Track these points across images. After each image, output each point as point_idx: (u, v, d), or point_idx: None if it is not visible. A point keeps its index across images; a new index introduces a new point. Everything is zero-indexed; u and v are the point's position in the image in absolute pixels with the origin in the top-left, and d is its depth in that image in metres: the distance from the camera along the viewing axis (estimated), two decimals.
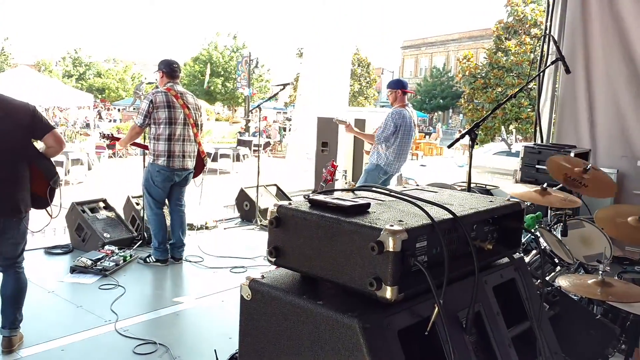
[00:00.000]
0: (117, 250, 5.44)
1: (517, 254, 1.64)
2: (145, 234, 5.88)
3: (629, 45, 6.04)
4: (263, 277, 1.37)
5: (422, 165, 15.25)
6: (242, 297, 1.36)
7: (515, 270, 1.59)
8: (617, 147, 6.27)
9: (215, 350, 3.20)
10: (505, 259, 1.60)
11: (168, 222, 5.50)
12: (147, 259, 5.39)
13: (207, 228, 6.94)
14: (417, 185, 1.77)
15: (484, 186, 8.02)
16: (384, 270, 1.17)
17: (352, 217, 1.27)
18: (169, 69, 5.25)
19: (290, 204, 1.38)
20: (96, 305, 4.36)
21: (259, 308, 1.33)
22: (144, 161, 5.61)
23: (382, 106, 43.98)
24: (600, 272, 2.88)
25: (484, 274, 1.52)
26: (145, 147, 5.47)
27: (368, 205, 1.36)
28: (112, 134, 5.93)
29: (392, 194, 1.49)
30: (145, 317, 4.26)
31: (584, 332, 2.43)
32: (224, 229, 7.08)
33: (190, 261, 5.55)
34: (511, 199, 1.62)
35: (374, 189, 1.51)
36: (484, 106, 20.69)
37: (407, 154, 6.06)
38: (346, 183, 8.72)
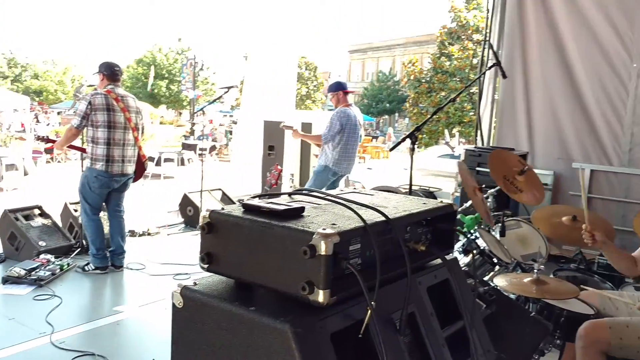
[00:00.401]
0: (53, 259, 5.23)
1: (451, 254, 1.67)
2: (84, 241, 5.69)
3: (563, 50, 6.30)
4: (195, 284, 1.34)
5: (368, 169, 15.42)
6: (173, 305, 1.33)
7: (449, 270, 1.62)
8: (554, 149, 6.52)
9: (154, 359, 3.12)
10: (439, 260, 1.62)
11: (107, 228, 5.34)
12: (86, 267, 5.21)
13: (149, 234, 6.78)
14: (355, 188, 1.78)
15: (428, 188, 8.19)
16: (316, 274, 1.17)
17: (285, 221, 1.26)
18: (110, 72, 5.10)
19: (223, 209, 1.36)
20: (30, 317, 4.18)
21: (191, 316, 1.30)
22: (82, 165, 5.43)
23: (330, 109, 44.31)
24: (536, 270, 2.98)
25: (418, 275, 1.54)
26: (82, 150, 5.30)
27: (302, 209, 1.35)
28: (47, 137, 5.71)
29: (327, 197, 1.49)
30: (83, 328, 4.11)
31: (519, 329, 2.50)
32: (167, 235, 6.94)
33: (131, 269, 5.41)
34: (444, 201, 1.65)
35: (310, 192, 1.51)
36: (428, 110, 21.14)
37: (354, 153, 6.10)
38: (292, 187, 8.72)
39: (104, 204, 5.25)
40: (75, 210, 5.97)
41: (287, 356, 1.13)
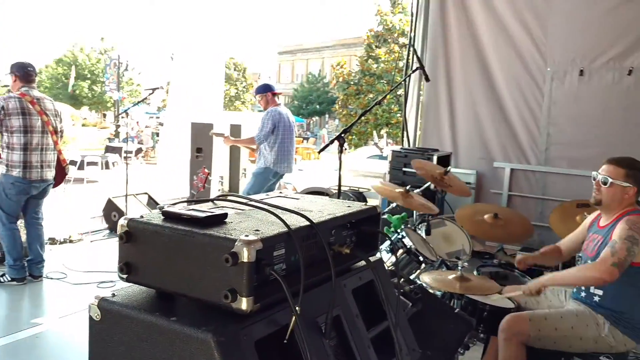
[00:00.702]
0: None
1: (375, 256, 1.69)
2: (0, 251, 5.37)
3: (483, 54, 6.56)
4: (114, 295, 1.29)
5: (300, 170, 15.47)
6: (90, 318, 1.27)
7: (373, 272, 1.64)
8: (476, 149, 6.78)
9: None
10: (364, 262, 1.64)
11: (24, 237, 5.07)
12: (1, 278, 4.93)
13: (71, 241, 6.50)
14: (281, 191, 1.77)
15: (357, 189, 8.29)
16: (239, 281, 1.15)
17: (206, 229, 1.23)
18: (23, 72, 4.84)
19: (142, 217, 1.31)
20: None
21: (110, 329, 1.25)
22: None
23: (260, 111, 44.06)
24: (460, 268, 3.09)
25: (343, 278, 1.55)
26: None
27: (225, 215, 1.33)
28: None
29: (251, 203, 1.48)
30: (0, 342, 3.89)
31: (444, 326, 2.57)
32: (91, 241, 6.67)
33: (51, 278, 5.16)
34: (369, 204, 1.67)
35: (234, 198, 1.48)
36: (357, 112, 21.44)
37: (292, 151, 6.05)
38: (221, 190, 8.60)
39: (21, 212, 4.98)
40: None
41: None
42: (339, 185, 4.01)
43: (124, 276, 1.30)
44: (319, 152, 4.03)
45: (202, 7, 9.79)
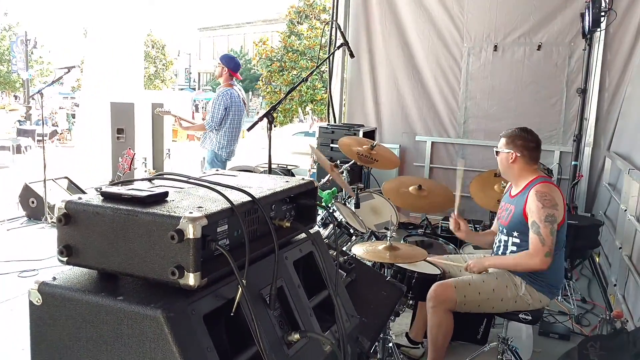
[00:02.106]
0: None
1: (314, 228, 1.75)
2: None
3: (404, 30, 6.73)
4: (55, 278, 1.27)
5: None
6: (31, 303, 1.25)
7: (312, 244, 1.69)
8: (399, 124, 6.99)
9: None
10: (304, 235, 1.69)
11: None
12: None
13: None
14: (217, 170, 1.79)
15: (286, 166, 8.34)
16: (186, 257, 1.17)
17: (149, 208, 1.23)
18: None
19: (80, 198, 1.30)
20: None
21: (52, 313, 1.23)
22: None
23: (181, 89, 42.90)
24: (388, 238, 3.21)
25: (284, 251, 1.59)
26: None
27: (166, 194, 1.33)
28: None
29: (190, 180, 1.48)
30: None
31: (377, 293, 2.68)
32: (7, 230, 6.34)
33: None
34: (305, 178, 1.72)
35: (172, 176, 1.48)
36: (281, 89, 21.35)
37: (238, 135, 5.81)
38: (147, 171, 8.38)
39: None
40: None
41: (160, 342, 1.13)
42: (269, 163, 4.03)
43: (64, 259, 1.28)
44: (248, 130, 4.03)
45: None
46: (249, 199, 1.39)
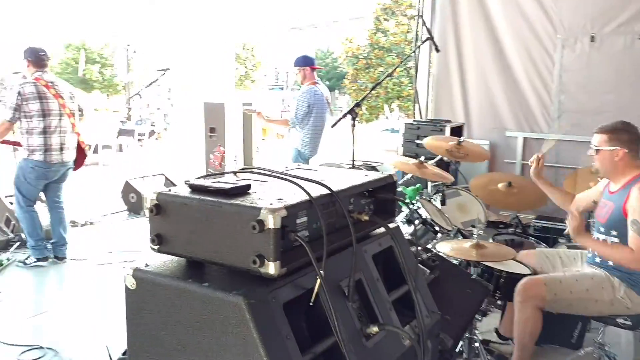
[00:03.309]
0: None
1: (393, 223, 1.75)
2: (22, 234, 5.51)
3: (492, 23, 6.51)
4: (147, 265, 1.36)
5: None
6: (126, 287, 1.35)
7: (392, 238, 1.69)
8: (488, 119, 6.77)
9: (107, 346, 3.11)
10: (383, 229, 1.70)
11: (46, 220, 5.19)
12: (27, 260, 5.07)
13: (91, 224, 6.63)
14: (299, 165, 1.83)
15: (370, 163, 8.32)
16: (266, 247, 1.21)
17: (232, 199, 1.29)
18: (35, 57, 4.91)
19: (170, 190, 1.38)
20: None
21: (145, 297, 1.32)
22: (15, 157, 5.24)
23: (271, 89, 43.97)
24: (475, 236, 3.14)
25: (363, 244, 1.61)
26: (17, 144, 5.10)
27: (249, 186, 1.39)
28: None
29: (273, 174, 1.53)
30: (29, 322, 4.02)
31: (461, 292, 2.64)
32: (110, 223, 6.80)
33: (75, 259, 5.29)
34: (384, 173, 1.72)
35: (255, 170, 1.54)
36: (367, 86, 21.33)
37: (322, 132, 5.83)
38: (236, 168, 8.67)
39: (42, 195, 5.09)
40: (11, 203, 5.76)
41: (241, 327, 1.18)
42: (353, 159, 4.06)
43: (156, 247, 1.37)
44: (332, 127, 4.07)
45: None
46: (327, 191, 1.41)
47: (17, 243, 5.53)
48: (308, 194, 1.34)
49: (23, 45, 5.07)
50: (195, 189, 1.37)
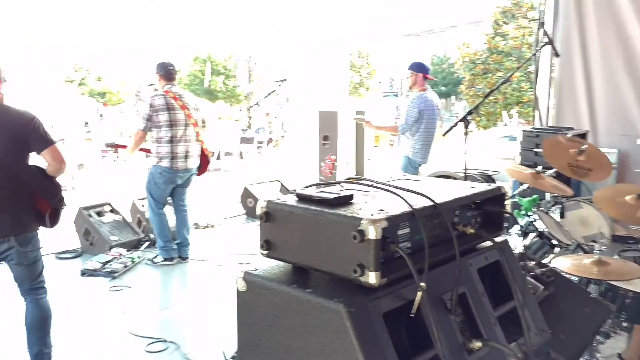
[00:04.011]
0: (124, 253, 5.53)
1: (501, 236, 1.70)
2: (151, 235, 5.98)
3: (623, 24, 6.07)
4: (256, 269, 1.45)
5: None
6: (237, 289, 1.43)
7: (499, 252, 1.65)
8: (617, 126, 6.31)
9: (223, 352, 3.29)
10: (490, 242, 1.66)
11: (173, 222, 5.59)
12: (155, 259, 5.49)
13: (212, 226, 7.04)
14: (404, 175, 1.84)
15: (485, 172, 8.06)
16: (366, 257, 1.24)
17: (335, 209, 1.33)
18: (165, 71, 5.32)
19: (278, 198, 1.45)
20: (107, 307, 4.46)
21: (253, 299, 1.40)
22: (147, 164, 5.71)
23: (385, 96, 43.96)
24: (597, 251, 2.94)
25: (468, 257, 1.58)
26: (147, 151, 5.55)
27: (351, 196, 1.42)
28: (115, 142, 6.03)
29: (376, 185, 1.56)
30: (155, 316, 4.36)
31: (578, 310, 2.49)
32: (230, 226, 7.17)
33: (197, 259, 5.65)
34: (492, 185, 1.68)
35: (360, 180, 1.58)
36: (484, 92, 20.65)
37: (432, 139, 5.81)
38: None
39: (169, 199, 5.50)
40: (143, 206, 6.28)
41: (341, 334, 1.22)
42: (465, 168, 3.97)
43: (265, 252, 1.45)
44: (444, 135, 4.01)
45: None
46: (431, 203, 1.41)
47: (147, 243, 6.01)
48: (410, 205, 1.35)
49: (158, 59, 5.53)
50: (301, 198, 1.43)
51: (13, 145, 3.01)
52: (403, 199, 1.37)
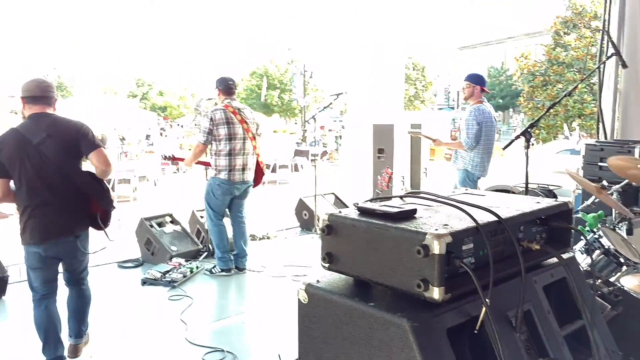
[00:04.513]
0: (184, 262, 5.67)
1: (568, 253, 1.66)
2: (210, 246, 6.10)
3: None
4: (318, 281, 1.46)
5: None
6: (299, 300, 1.45)
7: (565, 269, 1.61)
8: None
9: (279, 355, 3.32)
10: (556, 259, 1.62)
11: (230, 234, 5.69)
12: (213, 269, 5.59)
13: (268, 238, 7.12)
14: (466, 189, 1.82)
15: (547, 186, 7.83)
16: (431, 272, 1.24)
17: (398, 223, 1.34)
18: (225, 86, 5.45)
19: (340, 212, 1.47)
20: (167, 315, 4.58)
21: (315, 311, 1.42)
22: (206, 176, 5.85)
23: (440, 109, 43.53)
24: None
25: (534, 274, 1.55)
26: (207, 164, 5.69)
27: (414, 210, 1.42)
28: (173, 155, 6.20)
29: (438, 199, 1.55)
30: (213, 326, 4.44)
31: None
32: (285, 238, 7.23)
33: (253, 271, 5.72)
34: (558, 200, 1.64)
35: (422, 194, 1.57)
36: (544, 104, 20.08)
37: (491, 152, 5.67)
38: (403, 189, 8.72)
39: (227, 210, 5.61)
40: (202, 217, 6.43)
41: (405, 349, 1.21)
42: (526, 183, 3.88)
43: (326, 265, 1.46)
44: (504, 149, 3.93)
45: (381, 6, 10.00)
46: (495, 218, 1.40)
47: (205, 253, 6.14)
48: (474, 220, 1.33)
49: (216, 74, 5.67)
50: (363, 211, 1.44)
51: (67, 152, 3.30)
52: (468, 214, 1.36)
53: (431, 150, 13.63)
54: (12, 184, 3.32)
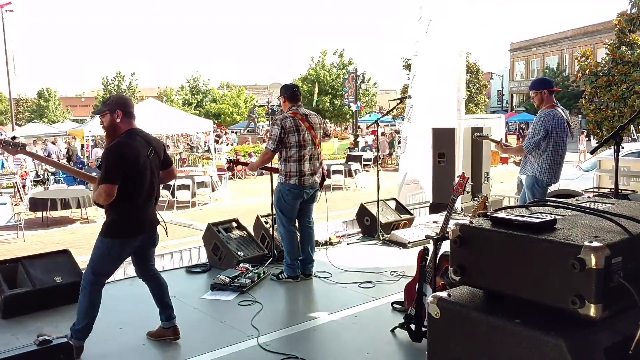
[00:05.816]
0: (251, 268, 5.68)
1: None
2: (275, 251, 6.10)
3: None
4: (450, 295, 1.39)
5: None
6: (429, 315, 1.38)
7: None
8: None
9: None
10: None
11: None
12: (280, 275, 5.58)
13: (331, 244, 7.06)
14: (589, 197, 1.71)
15: (620, 191, 7.47)
16: (587, 287, 1.14)
17: (542, 234, 1.25)
18: (290, 93, 5.44)
19: (471, 222, 1.39)
20: (238, 321, 4.57)
21: (449, 326, 1.35)
22: (271, 182, 5.85)
23: (493, 111, 42.56)
24: None
25: None
26: (274, 170, 5.69)
27: (555, 221, 1.33)
28: (237, 159, 6.23)
29: (569, 207, 1.45)
30: (284, 332, 4.40)
31: None
32: (347, 244, 7.15)
33: (319, 277, 5.66)
34: None
35: (553, 203, 1.48)
36: (608, 105, 19.30)
37: (563, 159, 5.43)
38: (467, 193, 8.51)
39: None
40: (266, 223, 6.44)
41: None
42: (616, 188, 3.69)
43: (457, 278, 1.39)
44: (591, 153, 3.74)
45: (436, 8, 9.86)
46: None
47: (270, 259, 6.14)
48: (628, 232, 1.23)
49: (268, 81, 5.68)
50: (497, 222, 1.36)
51: (160, 162, 3.84)
52: (620, 226, 1.26)
53: (492, 155, 13.30)
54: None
